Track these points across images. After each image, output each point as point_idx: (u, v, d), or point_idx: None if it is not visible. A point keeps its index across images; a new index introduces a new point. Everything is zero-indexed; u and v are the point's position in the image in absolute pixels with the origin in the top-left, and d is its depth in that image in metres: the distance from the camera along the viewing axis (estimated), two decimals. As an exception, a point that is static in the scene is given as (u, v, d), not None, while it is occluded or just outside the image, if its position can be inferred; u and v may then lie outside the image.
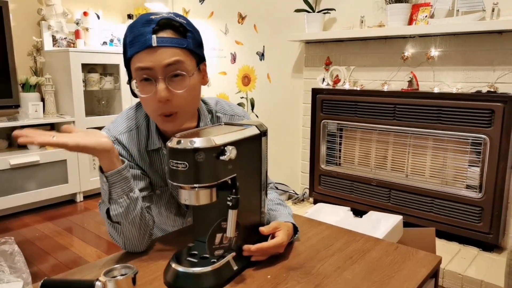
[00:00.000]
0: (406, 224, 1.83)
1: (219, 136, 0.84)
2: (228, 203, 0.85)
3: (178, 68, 0.93)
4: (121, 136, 1.04)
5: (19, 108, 3.09)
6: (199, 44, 0.99)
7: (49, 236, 2.63)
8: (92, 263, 0.98)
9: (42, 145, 0.82)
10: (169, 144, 0.83)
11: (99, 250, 2.43)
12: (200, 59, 1.00)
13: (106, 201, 0.92)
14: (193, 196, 0.86)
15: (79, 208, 3.19)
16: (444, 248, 2.11)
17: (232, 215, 0.85)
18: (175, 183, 0.84)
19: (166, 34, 0.92)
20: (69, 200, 3.32)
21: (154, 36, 0.90)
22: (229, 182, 0.88)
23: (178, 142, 0.82)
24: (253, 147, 0.95)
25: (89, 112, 3.48)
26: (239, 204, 0.85)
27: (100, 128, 0.96)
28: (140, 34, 0.91)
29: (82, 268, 0.95)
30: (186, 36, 0.95)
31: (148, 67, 0.92)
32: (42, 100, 3.27)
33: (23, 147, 3.12)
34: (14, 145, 3.17)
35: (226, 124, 1.03)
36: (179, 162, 0.82)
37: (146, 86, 0.94)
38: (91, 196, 3.42)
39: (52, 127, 3.31)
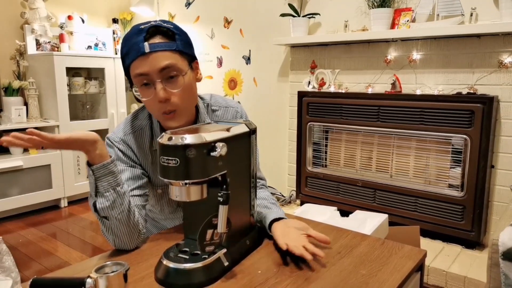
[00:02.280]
0: (391, 224, 1.87)
1: (210, 133, 0.86)
2: (219, 198, 0.86)
3: (172, 70, 1.00)
4: (126, 136, 1.11)
5: (2, 113, 3.04)
6: (188, 44, 1.05)
7: (33, 242, 2.58)
8: (82, 261, 0.98)
9: (32, 148, 0.86)
10: (160, 140, 0.84)
11: (85, 255, 2.40)
12: (191, 58, 1.06)
13: (93, 195, 0.95)
14: (184, 192, 0.87)
15: (63, 214, 3.14)
16: (428, 246, 2.16)
17: (223, 210, 0.86)
18: (166, 179, 0.85)
19: (156, 40, 0.99)
20: (53, 206, 3.26)
21: (146, 44, 0.97)
22: (220, 178, 0.89)
23: (169, 139, 0.83)
24: (242, 145, 0.97)
25: (73, 116, 3.44)
26: (229, 199, 0.87)
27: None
28: (133, 44, 0.99)
29: (72, 266, 0.94)
30: (175, 39, 1.01)
31: (144, 73, 0.99)
32: (25, 104, 3.22)
33: (6, 151, 3.06)
34: (-4, 150, 3.11)
35: (216, 122, 1.05)
36: (170, 158, 0.82)
37: (146, 90, 1.02)
38: (75, 201, 3.38)
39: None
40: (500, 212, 2.14)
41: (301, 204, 2.80)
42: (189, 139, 0.82)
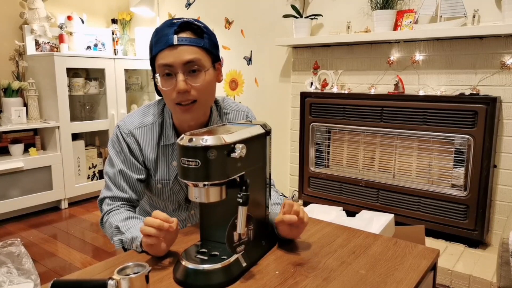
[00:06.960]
0: (395, 223, 1.88)
1: (229, 135, 0.86)
2: (238, 200, 0.86)
3: (196, 64, 1.05)
4: (135, 130, 1.15)
5: (2, 114, 3.02)
6: (214, 45, 1.10)
7: (35, 244, 2.56)
8: (101, 263, 0.97)
9: None
10: (180, 142, 0.84)
11: (89, 256, 2.39)
12: (215, 58, 1.10)
13: (127, 242, 1.04)
14: (204, 193, 0.87)
15: (64, 215, 3.13)
16: (432, 245, 2.17)
17: (242, 211, 0.87)
18: (185, 181, 0.85)
19: (185, 34, 1.05)
20: (53, 207, 3.25)
21: (175, 36, 1.02)
22: (238, 179, 0.90)
23: (190, 140, 0.83)
24: (258, 146, 0.97)
25: (73, 117, 3.41)
26: (249, 200, 0.87)
27: (84, 133, 0.98)
28: (163, 35, 1.04)
29: (91, 268, 0.94)
30: (203, 37, 1.06)
31: (169, 64, 1.03)
32: (25, 105, 3.20)
33: (6, 152, 3.04)
34: (-4, 151, 3.09)
35: (230, 123, 1.05)
36: (190, 159, 0.83)
37: (167, 80, 1.06)
38: (76, 202, 3.36)
39: (36, 132, 3.24)
40: (502, 211, 2.16)
41: (304, 204, 2.81)
42: (210, 140, 0.82)
